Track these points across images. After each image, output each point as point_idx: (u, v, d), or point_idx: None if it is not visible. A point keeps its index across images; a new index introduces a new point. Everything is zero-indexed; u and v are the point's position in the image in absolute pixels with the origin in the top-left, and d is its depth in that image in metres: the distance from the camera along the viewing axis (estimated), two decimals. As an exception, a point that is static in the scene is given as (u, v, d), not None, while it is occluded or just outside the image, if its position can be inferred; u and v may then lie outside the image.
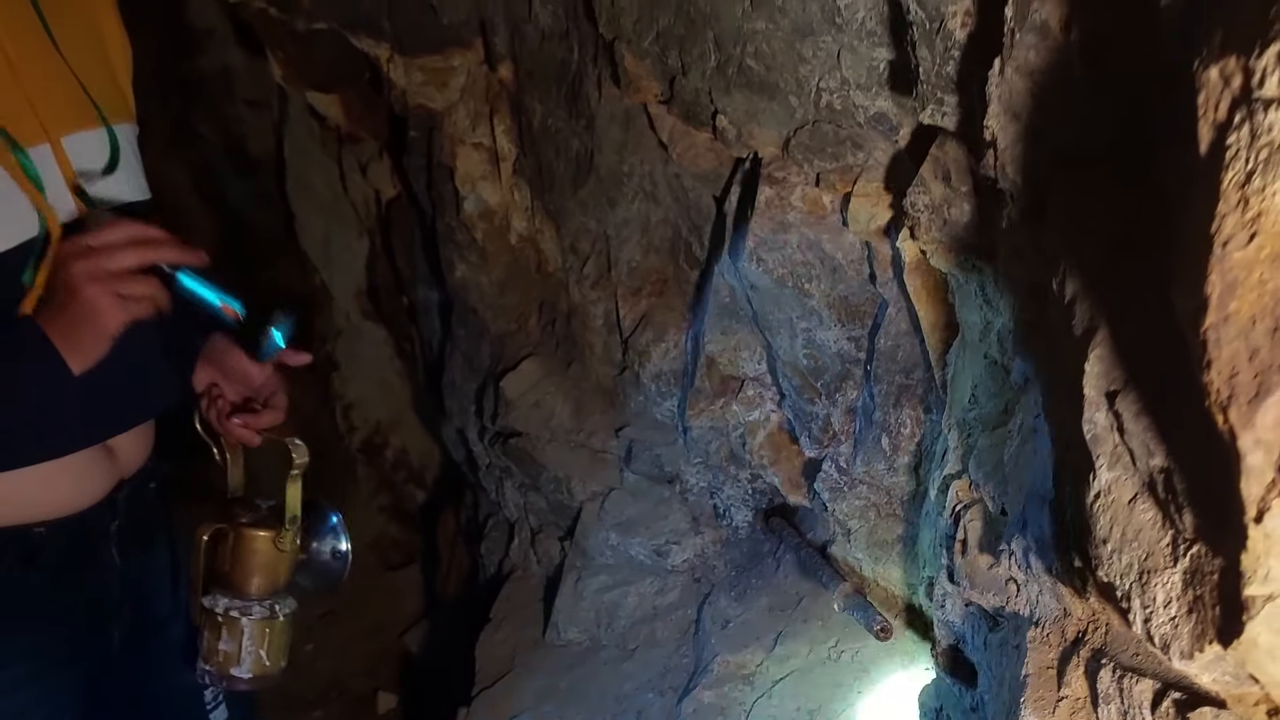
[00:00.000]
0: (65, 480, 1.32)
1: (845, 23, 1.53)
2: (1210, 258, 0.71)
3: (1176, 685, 1.03)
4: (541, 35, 2.27)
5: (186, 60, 4.39)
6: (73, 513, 1.34)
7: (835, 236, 1.85)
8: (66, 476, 1.32)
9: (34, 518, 1.30)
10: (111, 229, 1.16)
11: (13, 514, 1.28)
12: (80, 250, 1.14)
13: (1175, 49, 0.79)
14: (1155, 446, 0.89)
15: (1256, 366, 0.69)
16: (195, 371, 1.51)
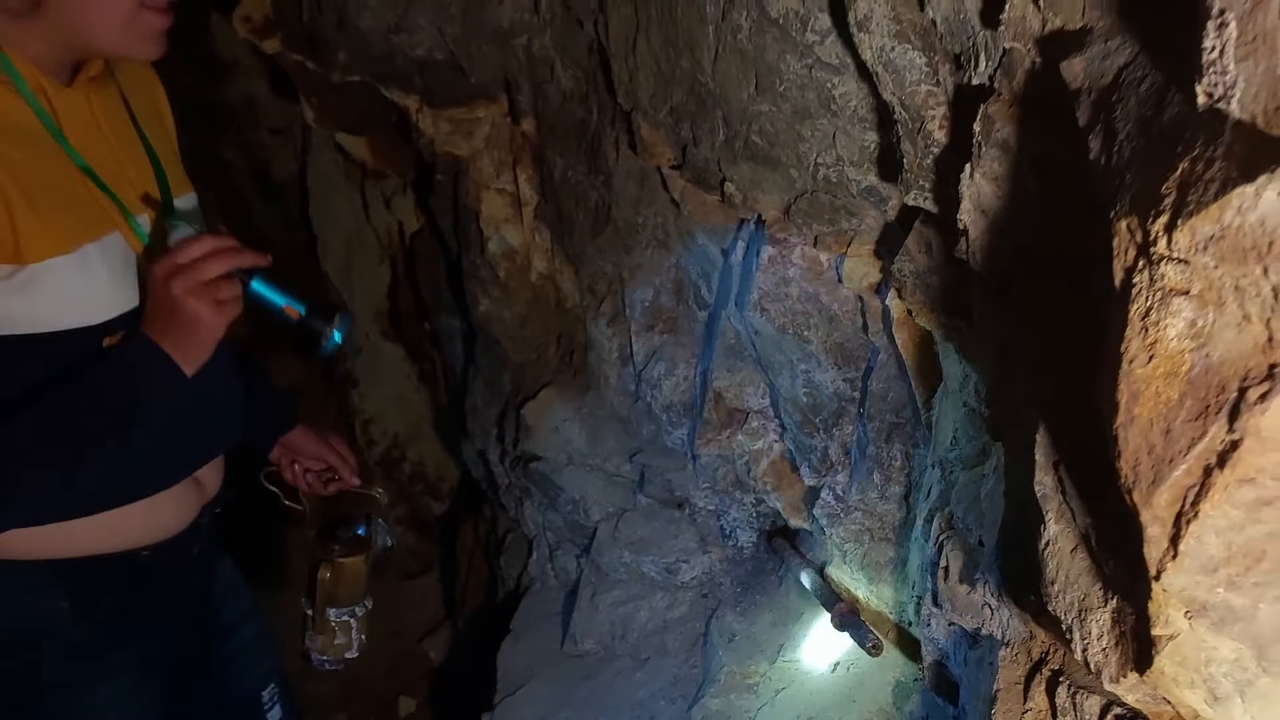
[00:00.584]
0: (168, 507, 1.49)
1: (839, 109, 1.72)
2: (1120, 371, 0.90)
3: (1118, 702, 1.23)
4: (563, 96, 2.46)
5: (213, 89, 4.55)
6: (170, 536, 1.51)
7: (832, 290, 2.04)
8: (169, 504, 1.49)
9: (141, 543, 1.47)
10: (194, 244, 1.28)
11: (123, 540, 1.44)
12: (173, 269, 1.26)
13: (1100, 191, 0.98)
14: (1088, 509, 1.08)
15: (1154, 459, 0.88)
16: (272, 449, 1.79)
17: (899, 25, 1.44)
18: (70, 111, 1.33)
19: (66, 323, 1.28)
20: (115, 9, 1.27)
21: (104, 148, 1.37)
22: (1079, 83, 1.05)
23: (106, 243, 1.32)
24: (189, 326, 1.27)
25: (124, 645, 1.48)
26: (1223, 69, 0.77)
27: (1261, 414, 0.78)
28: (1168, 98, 0.90)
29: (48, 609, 1.41)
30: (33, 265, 1.23)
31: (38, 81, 1.29)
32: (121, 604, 1.46)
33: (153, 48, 1.33)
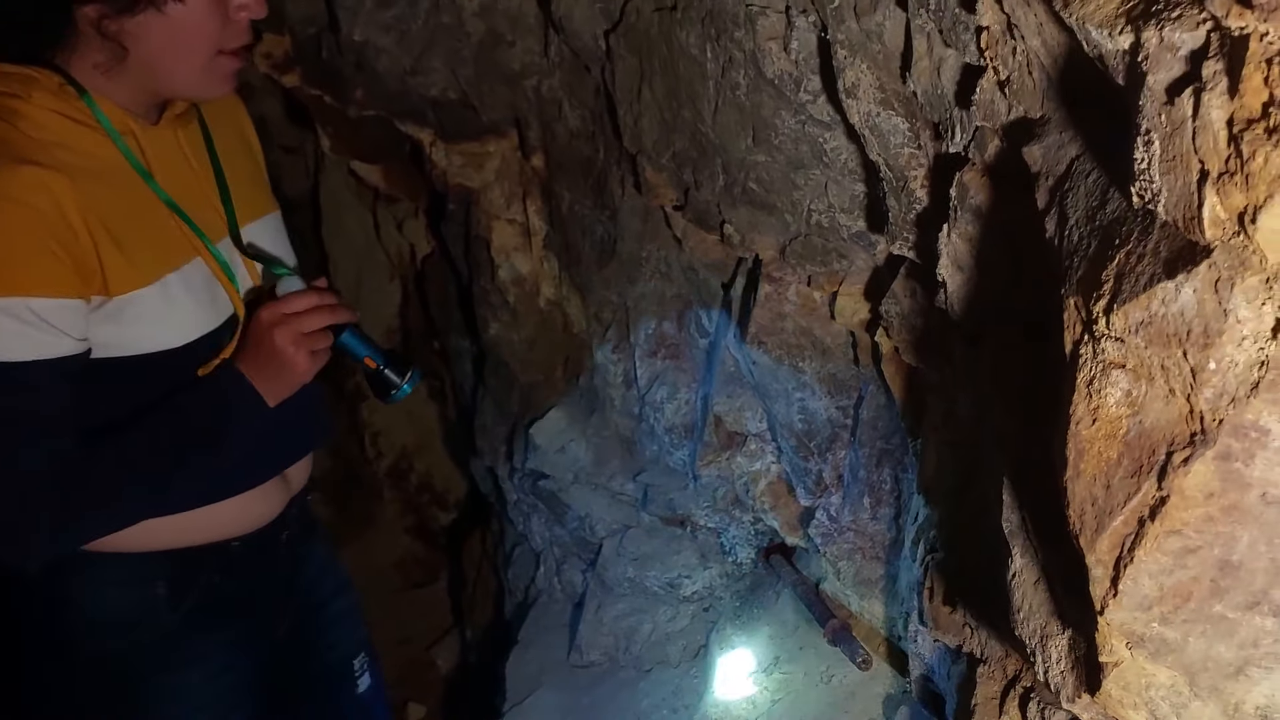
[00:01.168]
0: (256, 503, 1.61)
1: (831, 161, 1.85)
2: (1069, 431, 1.03)
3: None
4: (570, 134, 2.59)
5: (227, 109, 4.69)
6: (259, 528, 1.62)
7: (825, 325, 2.17)
8: (256, 500, 1.61)
9: (231, 534, 1.58)
10: (301, 298, 1.45)
11: (214, 533, 1.56)
12: (279, 318, 1.42)
13: (1055, 267, 1.11)
14: (1048, 547, 1.21)
15: (1096, 510, 1.00)
16: None
17: (883, 94, 1.57)
18: (157, 148, 1.44)
19: (151, 346, 1.40)
20: (194, 58, 1.37)
21: (190, 179, 1.49)
22: (1038, 167, 1.17)
23: (187, 270, 1.43)
24: (282, 371, 1.43)
25: (215, 629, 1.60)
26: (1150, 178, 0.90)
27: (1185, 475, 0.90)
28: (1110, 193, 1.03)
29: (146, 596, 1.53)
30: (118, 297, 1.35)
31: (125, 124, 1.39)
32: (213, 590, 1.58)
33: (225, 88, 1.44)
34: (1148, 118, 0.88)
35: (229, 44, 1.39)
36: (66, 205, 1.29)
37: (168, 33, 1.34)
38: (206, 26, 1.35)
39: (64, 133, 1.34)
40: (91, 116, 1.37)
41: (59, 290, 1.28)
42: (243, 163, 1.63)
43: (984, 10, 1.21)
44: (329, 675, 1.90)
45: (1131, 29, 0.90)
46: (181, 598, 1.56)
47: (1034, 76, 1.19)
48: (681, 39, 1.99)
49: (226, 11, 1.36)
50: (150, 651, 1.56)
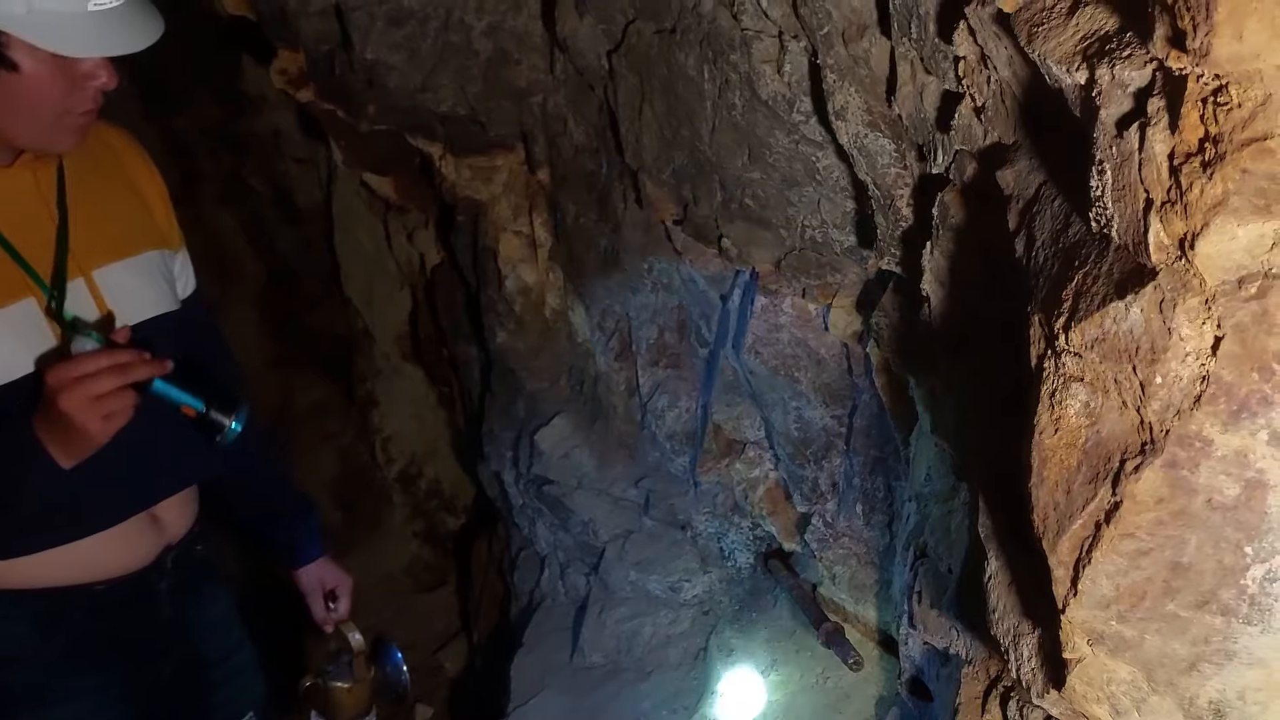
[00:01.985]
0: (116, 546, 1.58)
1: (824, 179, 1.91)
2: (1033, 440, 1.09)
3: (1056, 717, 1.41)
4: (575, 149, 2.67)
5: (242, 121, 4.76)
6: (127, 573, 1.60)
7: (819, 337, 2.24)
8: (117, 543, 1.58)
9: (94, 577, 1.57)
10: (90, 360, 1.35)
11: (77, 574, 1.55)
12: (65, 381, 1.33)
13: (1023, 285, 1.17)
14: (1019, 549, 1.27)
15: (1058, 514, 1.07)
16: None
17: (871, 116, 1.64)
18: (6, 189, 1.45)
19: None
20: (36, 119, 1.39)
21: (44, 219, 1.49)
22: (1010, 190, 1.24)
23: (10, 311, 1.43)
24: (72, 434, 1.36)
25: (85, 671, 1.59)
26: (1104, 205, 0.96)
27: (1136, 482, 0.97)
28: (1072, 217, 1.09)
29: (11, 633, 1.54)
30: None
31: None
32: (82, 632, 1.58)
33: (71, 143, 1.45)
34: (1101, 149, 0.95)
35: (76, 109, 1.40)
36: None
37: (13, 97, 1.36)
38: (48, 94, 1.37)
39: None
40: None
41: None
42: (114, 204, 1.61)
43: (960, 41, 1.28)
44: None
45: (1087, 66, 0.97)
46: (48, 636, 1.56)
47: (1006, 105, 1.26)
48: (680, 60, 2.06)
49: (73, 79, 1.37)
50: (20, 687, 1.56)
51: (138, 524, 1.62)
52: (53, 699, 1.58)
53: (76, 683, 1.60)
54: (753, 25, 1.82)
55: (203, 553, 1.79)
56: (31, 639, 1.55)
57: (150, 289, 1.61)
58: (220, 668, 1.85)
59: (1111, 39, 0.96)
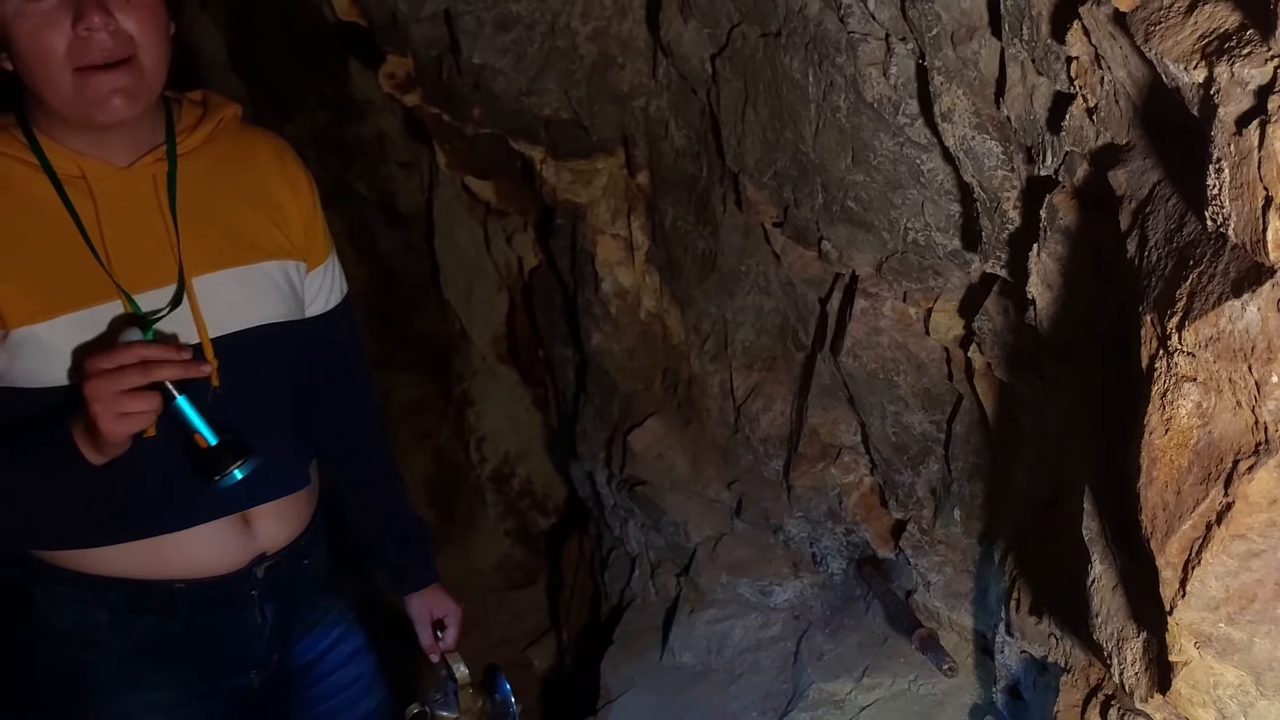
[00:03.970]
0: (198, 548, 1.58)
1: (928, 182, 1.91)
2: (1143, 440, 1.09)
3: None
4: (675, 153, 2.70)
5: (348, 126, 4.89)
6: (211, 575, 1.60)
7: (919, 341, 2.23)
8: (199, 545, 1.58)
9: (174, 575, 1.57)
10: (122, 352, 1.32)
11: (153, 570, 1.56)
12: (94, 371, 1.31)
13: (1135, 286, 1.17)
14: (1124, 553, 1.26)
15: (1167, 515, 1.06)
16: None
17: (978, 118, 1.64)
18: (116, 191, 1.46)
19: (39, 381, 1.43)
20: (53, 79, 1.36)
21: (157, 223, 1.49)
22: (1122, 190, 1.24)
23: (95, 312, 1.44)
24: (91, 428, 1.33)
25: (159, 667, 1.61)
26: (1221, 203, 0.96)
27: (1249, 482, 0.96)
28: (1187, 216, 1.09)
29: (93, 618, 1.57)
30: (14, 330, 1.39)
31: (77, 165, 1.43)
32: (157, 627, 1.60)
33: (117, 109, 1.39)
34: (1219, 147, 0.95)
35: (82, 61, 1.35)
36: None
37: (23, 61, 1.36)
38: (46, 50, 1.33)
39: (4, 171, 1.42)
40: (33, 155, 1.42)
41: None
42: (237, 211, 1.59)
43: (1073, 41, 1.28)
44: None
45: (1205, 64, 0.96)
46: (123, 628, 1.58)
47: (1120, 105, 1.26)
48: (785, 63, 2.08)
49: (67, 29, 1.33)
50: (96, 669, 1.59)
51: (224, 528, 1.60)
52: (124, 688, 1.60)
53: (149, 677, 1.61)
54: (859, 28, 1.83)
55: (311, 566, 1.77)
56: (108, 626, 1.58)
57: (259, 299, 1.58)
58: (325, 682, 1.84)
59: (1231, 37, 0.96)
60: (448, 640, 1.98)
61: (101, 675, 1.59)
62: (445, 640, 1.98)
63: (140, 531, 1.55)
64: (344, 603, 1.89)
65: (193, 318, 1.50)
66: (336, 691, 1.86)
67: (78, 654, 1.59)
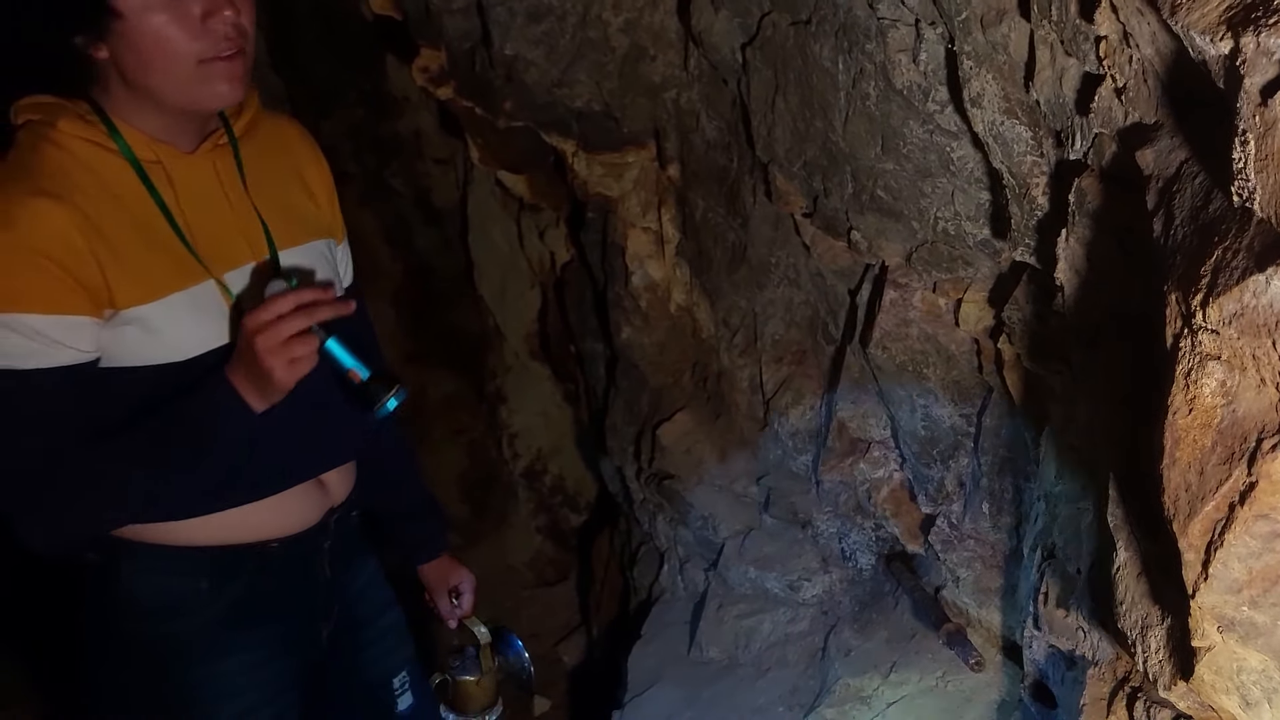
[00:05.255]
0: (289, 507, 1.66)
1: (958, 170, 1.90)
2: (1166, 421, 1.07)
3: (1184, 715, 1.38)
4: (706, 145, 2.69)
5: (385, 123, 4.92)
6: (296, 532, 1.67)
7: (949, 332, 2.21)
8: (290, 504, 1.65)
9: (269, 535, 1.64)
10: (279, 302, 1.40)
11: (254, 533, 1.63)
12: (258, 325, 1.39)
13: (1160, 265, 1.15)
14: (1149, 538, 1.24)
15: (1189, 495, 1.05)
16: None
17: (1008, 103, 1.62)
18: (187, 175, 1.50)
19: (154, 359, 1.47)
20: (173, 71, 1.41)
21: (222, 206, 1.54)
22: (1150, 170, 1.22)
23: (196, 291, 1.49)
24: (260, 378, 1.42)
25: (254, 625, 1.66)
26: (1246, 177, 0.94)
27: (1273, 460, 0.95)
28: (1214, 193, 1.07)
29: (190, 588, 1.61)
30: (124, 311, 1.43)
31: (153, 151, 1.47)
32: (252, 588, 1.65)
33: (228, 95, 1.46)
34: (1244, 119, 0.93)
35: (209, 53, 1.40)
36: (67, 229, 1.38)
37: (134, 54, 1.39)
38: (170, 41, 1.38)
39: (88, 157, 1.44)
40: (113, 141, 1.45)
41: (57, 307, 1.38)
42: (286, 194, 1.67)
43: (1102, 20, 1.26)
44: (368, 691, 1.95)
45: (1231, 35, 0.95)
46: (221, 592, 1.63)
47: (1148, 84, 1.24)
48: (815, 51, 2.07)
49: (193, 20, 1.38)
50: (191, 639, 1.63)
51: (307, 487, 1.69)
52: (220, 652, 1.65)
53: (245, 637, 1.67)
54: (889, 14, 1.82)
55: (356, 519, 1.86)
56: (206, 594, 1.62)
57: (323, 274, 1.67)
58: (370, 628, 1.92)
59: (1257, 7, 0.94)
60: (464, 606, 2.04)
61: (198, 642, 1.64)
62: (462, 605, 2.04)
63: (251, 496, 1.62)
64: (374, 553, 1.96)
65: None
66: (379, 638, 1.93)
67: (169, 625, 1.63)
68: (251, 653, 1.68)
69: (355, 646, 1.90)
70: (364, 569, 1.91)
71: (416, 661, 2.02)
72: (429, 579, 2.06)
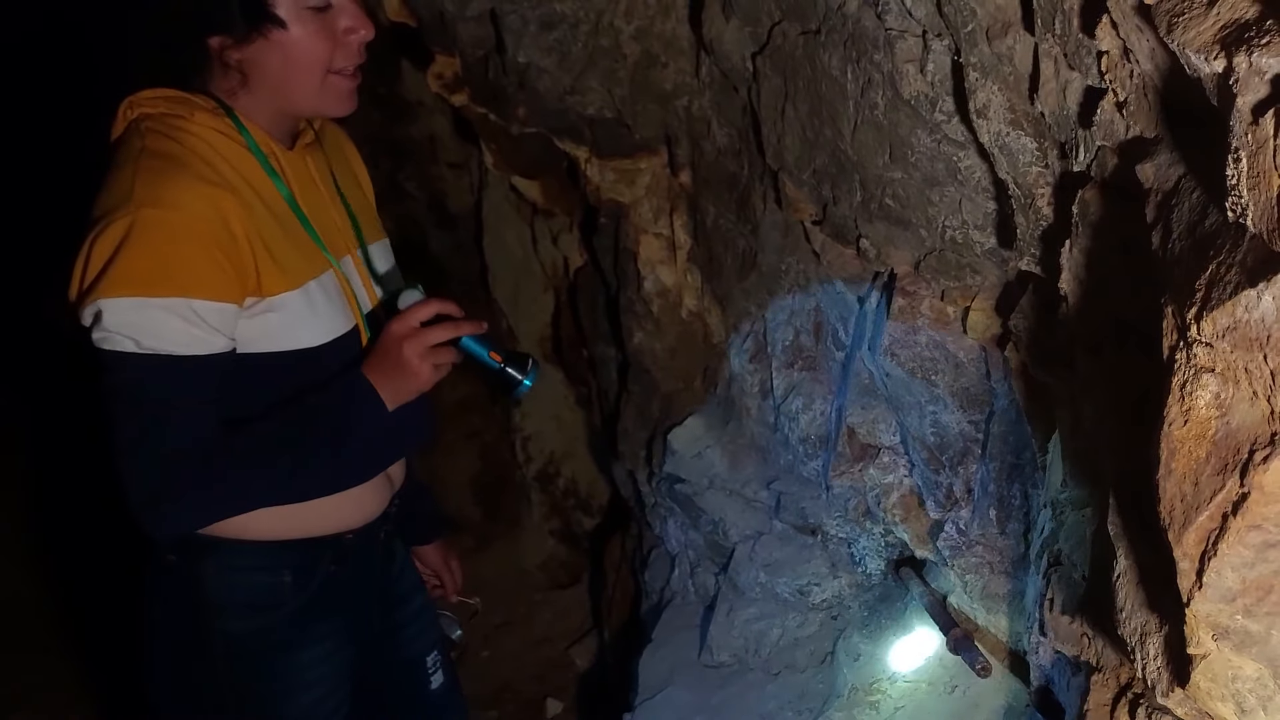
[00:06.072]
0: (368, 498, 1.76)
1: (965, 179, 1.91)
2: (1162, 431, 1.09)
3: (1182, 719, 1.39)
4: (717, 151, 2.71)
5: (399, 127, 4.95)
6: (367, 522, 1.77)
7: (957, 339, 2.22)
8: (368, 495, 1.75)
9: (346, 527, 1.73)
10: (426, 309, 1.56)
11: (333, 525, 1.71)
12: (409, 330, 1.54)
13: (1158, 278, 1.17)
14: (1148, 547, 1.26)
15: (1185, 506, 1.06)
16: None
17: (1013, 114, 1.64)
18: (294, 170, 1.61)
19: (293, 344, 1.56)
20: (307, 81, 1.53)
21: (319, 201, 1.66)
22: (1149, 184, 1.23)
23: (324, 279, 1.61)
24: (406, 380, 1.55)
25: (330, 613, 1.74)
26: (1239, 193, 0.96)
27: (1265, 472, 0.96)
28: (1210, 208, 1.09)
29: (274, 582, 1.68)
30: (270, 298, 1.52)
31: (269, 145, 1.57)
32: (330, 578, 1.72)
33: (345, 106, 1.60)
34: (1237, 136, 0.95)
35: (340, 65, 1.54)
36: (230, 217, 1.45)
37: (279, 59, 1.50)
38: (315, 51, 1.51)
39: (224, 150, 1.51)
40: (241, 136, 1.54)
41: (218, 294, 1.45)
42: (356, 192, 1.80)
43: (1103, 35, 1.28)
44: (407, 669, 2.02)
45: (1225, 54, 0.96)
46: (304, 585, 1.69)
47: (1148, 98, 1.26)
48: (824, 61, 2.08)
49: (335, 35, 1.52)
50: (274, 632, 1.69)
51: (380, 477, 1.77)
52: (304, 642, 1.72)
53: (324, 626, 1.73)
54: (897, 25, 1.83)
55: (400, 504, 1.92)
56: (291, 587, 1.68)
57: (391, 269, 1.79)
58: (405, 608, 1.99)
59: (1251, 27, 0.95)
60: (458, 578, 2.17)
61: (281, 636, 1.70)
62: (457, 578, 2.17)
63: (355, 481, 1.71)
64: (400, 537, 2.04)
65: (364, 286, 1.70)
66: (414, 618, 2.02)
67: (254, 620, 1.68)
68: (324, 643, 1.75)
69: (392, 626, 1.96)
70: (399, 552, 1.99)
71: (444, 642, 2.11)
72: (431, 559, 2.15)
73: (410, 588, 2.02)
